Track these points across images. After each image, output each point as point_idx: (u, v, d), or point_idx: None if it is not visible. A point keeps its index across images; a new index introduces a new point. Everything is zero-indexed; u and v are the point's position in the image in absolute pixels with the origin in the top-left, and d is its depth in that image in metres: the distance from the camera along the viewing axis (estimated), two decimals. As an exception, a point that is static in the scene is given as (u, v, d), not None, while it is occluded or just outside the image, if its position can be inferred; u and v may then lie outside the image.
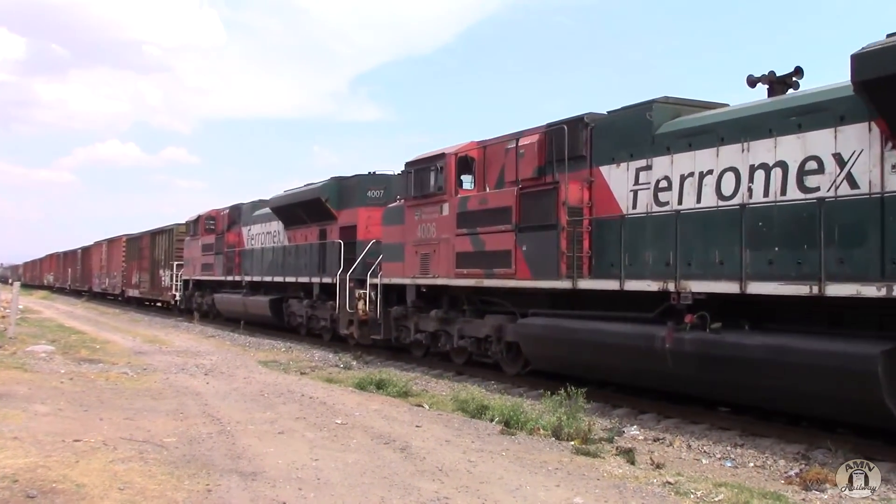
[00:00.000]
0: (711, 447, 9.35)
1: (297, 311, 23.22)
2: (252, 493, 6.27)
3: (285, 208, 23.87)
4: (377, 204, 19.53)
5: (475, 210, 14.25)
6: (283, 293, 24.32)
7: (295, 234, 23.72)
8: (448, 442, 8.61)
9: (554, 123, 13.08)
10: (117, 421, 9.12)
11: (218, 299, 29.62)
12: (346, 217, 20.62)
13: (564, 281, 12.06)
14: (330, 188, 21.25)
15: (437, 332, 16.06)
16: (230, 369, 15.31)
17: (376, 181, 20.27)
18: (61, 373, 13.29)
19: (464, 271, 14.45)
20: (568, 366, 12.53)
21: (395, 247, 16.99)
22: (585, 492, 6.69)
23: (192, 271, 32.99)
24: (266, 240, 26.09)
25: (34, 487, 6.02)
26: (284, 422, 9.51)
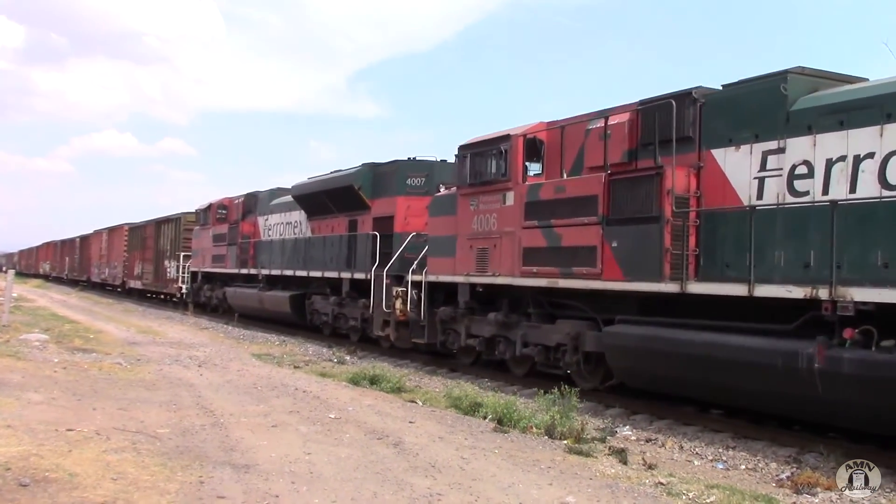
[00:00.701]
0: (703, 449, 9.38)
1: (322, 309, 21.26)
2: (245, 485, 6.27)
3: (310, 197, 21.86)
4: (418, 193, 17.79)
5: (549, 199, 12.45)
6: (304, 289, 22.36)
7: (320, 224, 21.81)
8: (441, 438, 8.62)
9: (651, 100, 11.36)
10: (110, 411, 9.12)
11: (230, 294, 27.76)
12: (382, 207, 18.69)
13: (669, 284, 10.26)
14: (363, 175, 19.28)
15: (495, 338, 14.12)
16: (224, 361, 15.30)
17: (417, 168, 18.21)
18: (55, 362, 13.26)
19: (533, 269, 12.67)
20: (672, 384, 10.82)
21: (444, 240, 15.19)
22: (578, 491, 6.70)
23: (201, 263, 31.07)
24: (286, 231, 24.21)
25: (27, 476, 6.02)
26: (278, 415, 9.51)
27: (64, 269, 66.56)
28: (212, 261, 29.75)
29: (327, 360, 17.09)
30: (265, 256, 25.22)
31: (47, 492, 5.72)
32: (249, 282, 26.41)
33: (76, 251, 60.73)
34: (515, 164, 13.35)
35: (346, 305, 19.81)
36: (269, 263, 24.60)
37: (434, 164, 18.03)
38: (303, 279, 22.09)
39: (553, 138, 13.30)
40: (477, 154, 14.24)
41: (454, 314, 15.08)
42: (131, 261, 42.72)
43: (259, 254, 25.83)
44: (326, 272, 20.37)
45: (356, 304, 19.09)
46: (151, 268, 38.26)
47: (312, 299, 21.80)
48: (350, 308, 19.58)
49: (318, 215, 21.77)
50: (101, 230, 51.44)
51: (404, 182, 18.08)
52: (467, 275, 14.41)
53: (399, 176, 18.18)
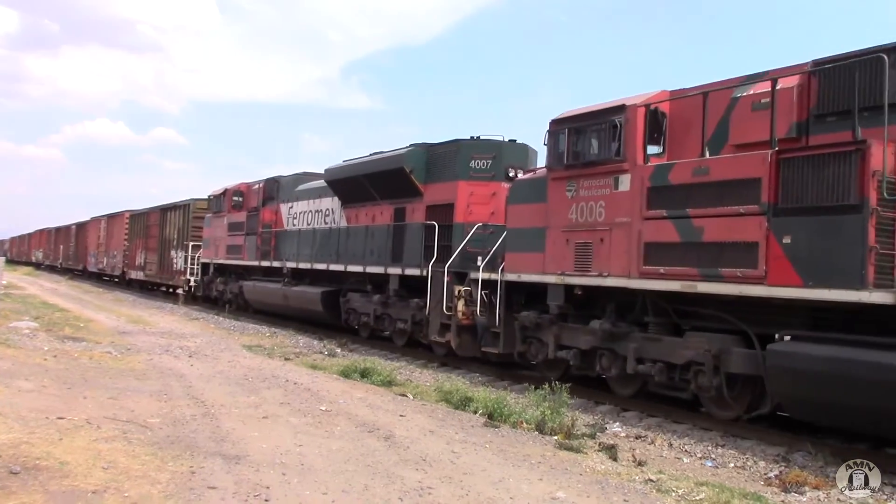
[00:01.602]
0: (693, 447, 9.41)
1: (361, 308, 18.88)
2: (236, 476, 6.27)
3: (347, 182, 19.43)
4: (483, 177, 15.60)
5: (684, 184, 10.07)
6: (337, 285, 20.12)
7: (357, 213, 19.44)
8: (432, 432, 8.64)
9: (836, 58, 9.21)
10: (101, 400, 9.11)
11: (248, 288, 25.21)
12: (437, 193, 16.38)
13: (875, 293, 8.03)
14: (416, 156, 16.90)
15: (596, 351, 11.70)
16: (214, 352, 15.28)
17: (482, 148, 15.80)
18: (45, 350, 13.24)
19: (658, 269, 10.27)
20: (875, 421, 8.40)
21: (528, 233, 12.75)
22: (568, 486, 6.73)
23: (213, 253, 28.62)
24: (314, 219, 21.70)
25: (17, 463, 6.02)
26: (269, 406, 9.51)
27: (58, 257, 64.01)
28: (226, 251, 27.42)
29: (318, 352, 17.09)
30: (289, 248, 22.76)
31: (38, 479, 5.72)
32: (269, 275, 24.12)
33: (72, 239, 58.18)
34: (633, 140, 11.01)
35: (392, 305, 17.46)
36: (296, 256, 22.04)
37: (502, 144, 15.84)
38: (335, 274, 20.02)
39: (679, 110, 11.13)
40: (579, 129, 11.88)
41: (539, 320, 12.68)
42: (133, 250, 40.55)
43: (282, 245, 23.43)
44: (369, 267, 18.11)
45: (406, 305, 16.79)
46: (155, 258, 36.01)
47: (348, 297, 19.42)
48: (397, 308, 17.25)
49: (356, 203, 19.41)
50: (99, 217, 49.03)
51: (467, 165, 15.74)
52: (561, 274, 11.97)
53: (461, 158, 15.82)
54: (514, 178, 14.82)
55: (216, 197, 28.67)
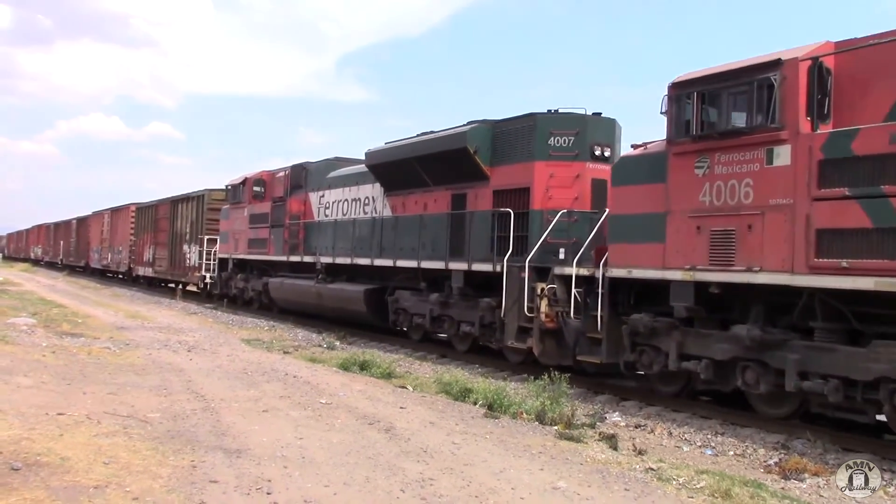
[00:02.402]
0: (692, 435, 9.44)
1: (414, 309, 16.76)
2: (237, 470, 6.28)
3: (393, 166, 17.24)
4: (565, 156, 13.48)
5: (880, 154, 8.13)
6: (381, 282, 18.15)
7: (405, 201, 17.25)
8: (432, 424, 8.65)
9: None
10: (101, 395, 9.10)
11: (274, 286, 22.93)
12: (507, 176, 14.29)
13: None
14: (480, 134, 14.73)
15: (736, 363, 9.70)
16: (213, 346, 15.27)
17: (563, 123, 13.64)
18: (43, 346, 13.22)
19: (839, 263, 8.35)
20: None
21: (640, 220, 10.83)
22: (569, 476, 6.74)
23: (232, 248, 26.29)
24: (351, 209, 19.52)
25: (19, 460, 6.01)
26: (269, 400, 9.52)
27: (58, 253, 61.49)
28: (248, 246, 25.07)
29: (317, 345, 17.09)
30: (322, 241, 20.54)
31: (39, 476, 5.72)
32: (296, 271, 22.06)
33: (72, 234, 55.87)
34: (794, 103, 9.09)
35: (453, 305, 15.33)
36: (331, 250, 19.87)
37: (586, 118, 13.68)
38: (377, 270, 17.96)
39: (848, 66, 9.22)
40: (711, 93, 10.05)
41: (656, 324, 10.64)
42: (140, 245, 38.36)
43: (312, 238, 21.21)
44: (424, 262, 15.94)
45: (472, 305, 14.65)
46: (166, 253, 33.81)
47: (397, 295, 17.34)
48: (461, 309, 15.13)
49: (404, 189, 17.24)
50: (101, 211, 46.94)
51: (545, 143, 13.59)
52: (691, 269, 9.99)
53: (538, 134, 13.67)
54: (600, 158, 13.37)
55: (234, 186, 26.29)
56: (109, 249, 44.12)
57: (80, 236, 53.48)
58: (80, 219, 54.28)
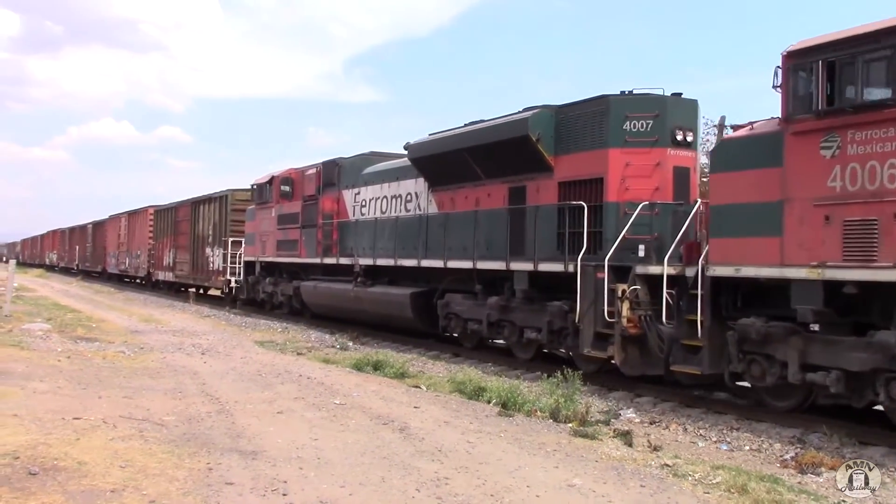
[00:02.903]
0: (707, 431, 9.42)
1: (468, 314, 15.30)
2: (253, 471, 6.30)
3: (440, 159, 15.88)
4: (643, 142, 12.08)
5: None
6: (427, 284, 16.87)
7: (454, 196, 15.87)
8: (446, 423, 8.66)
9: None
10: (116, 399, 9.15)
11: (307, 290, 21.68)
12: (575, 166, 12.83)
13: None
14: (543, 120, 13.20)
15: (875, 375, 8.43)
16: (227, 349, 15.33)
17: (639, 105, 12.23)
18: (58, 351, 13.29)
19: None
20: None
21: (748, 210, 9.59)
22: (584, 473, 6.74)
23: (259, 250, 25.01)
24: (391, 207, 18.18)
25: (36, 464, 6.05)
26: (283, 402, 9.54)
27: (73, 259, 60.00)
28: (276, 248, 23.78)
29: (330, 346, 17.10)
30: (359, 242, 19.16)
31: (57, 480, 5.75)
32: (329, 274, 20.76)
33: (88, 239, 54.55)
34: None
35: (516, 309, 13.89)
36: (371, 250, 18.46)
37: (666, 99, 12.31)
38: (422, 272, 16.77)
39: None
40: (840, 61, 8.77)
41: (769, 330, 9.32)
42: (159, 249, 37.00)
43: (347, 238, 19.87)
44: (481, 262, 14.51)
45: (539, 309, 13.23)
46: (187, 257, 32.49)
47: (447, 299, 15.95)
48: (524, 313, 13.70)
49: (452, 184, 15.87)
50: (118, 214, 45.61)
51: (619, 128, 12.21)
52: (819, 265, 8.67)
53: (611, 119, 12.23)
54: (682, 143, 12.13)
55: (260, 186, 25.01)
56: (127, 254, 43.01)
57: (96, 241, 52.28)
58: (96, 223, 53.16)
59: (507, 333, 14.30)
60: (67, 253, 63.45)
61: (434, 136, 16.26)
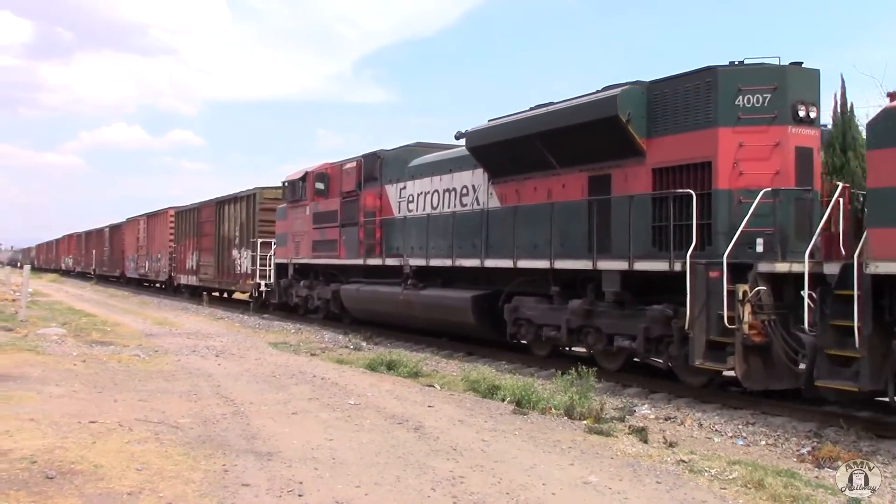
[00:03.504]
0: (723, 426, 9.38)
1: (542, 319, 13.56)
2: (269, 472, 6.31)
3: (504, 146, 14.25)
4: (759, 119, 10.51)
5: None
6: (490, 286, 15.17)
7: (519, 188, 14.28)
8: (461, 422, 8.65)
9: None
10: (131, 402, 9.19)
11: (348, 294, 19.99)
12: (673, 149, 11.26)
13: None
14: (633, 98, 11.64)
15: None
16: (241, 351, 15.37)
17: (754, 77, 10.66)
18: (73, 355, 13.36)
19: None
20: None
21: None
22: (600, 470, 6.72)
23: (292, 252, 23.38)
24: (443, 201, 16.57)
25: (53, 468, 6.08)
26: (297, 402, 9.56)
27: (90, 263, 58.54)
28: (312, 248, 22.04)
29: (344, 346, 17.12)
30: (407, 241, 17.55)
31: (74, 483, 5.78)
32: (371, 276, 19.21)
33: (105, 243, 53.27)
34: None
35: (602, 314, 12.27)
36: (422, 250, 16.86)
37: (785, 70, 10.73)
38: (483, 273, 15.18)
39: None
40: None
41: None
42: (181, 252, 35.56)
43: (393, 237, 18.31)
44: (561, 261, 12.79)
45: (634, 314, 11.68)
46: (212, 259, 31.07)
47: (516, 303, 14.19)
48: (613, 318, 12.07)
49: (518, 174, 14.28)
50: (136, 217, 44.47)
51: (730, 103, 10.65)
52: None
53: (721, 93, 10.69)
54: (805, 120, 10.59)
55: (292, 183, 23.29)
56: (147, 257, 41.66)
57: (113, 244, 51.08)
58: (113, 226, 51.87)
59: (591, 341, 12.59)
60: (84, 257, 62.53)
61: (496, 122, 14.65)
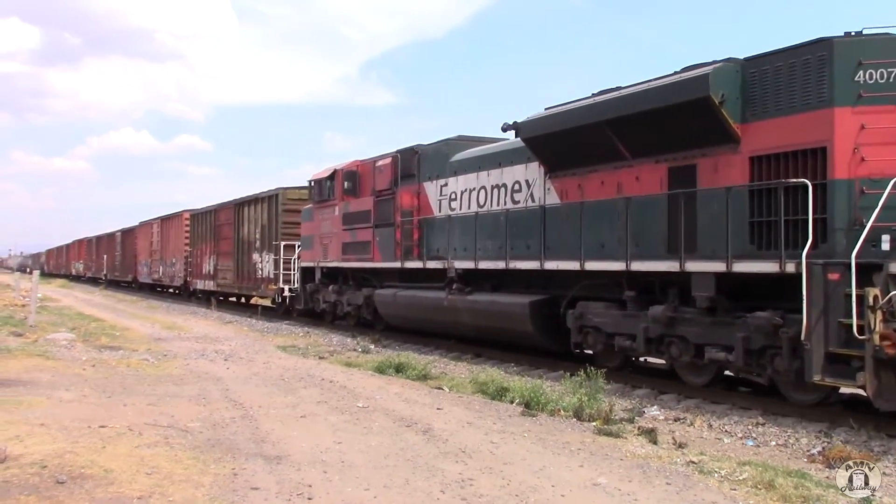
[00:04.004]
0: (733, 426, 9.34)
1: (614, 327, 12.09)
2: (278, 476, 6.32)
3: (566, 136, 12.72)
4: (885, 98, 9.11)
5: None
6: (547, 290, 13.76)
7: (583, 182, 12.83)
8: (469, 424, 8.65)
9: None
10: (141, 406, 9.21)
11: (384, 300, 18.62)
12: (775, 134, 9.90)
13: None
14: (726, 77, 10.33)
15: None
16: (249, 354, 15.40)
17: (879, 49, 9.24)
18: (83, 360, 13.40)
19: None
20: None
21: None
22: (609, 472, 6.71)
23: (319, 255, 22.07)
24: (491, 199, 15.20)
25: (63, 473, 6.09)
26: (306, 406, 9.57)
27: (101, 268, 57.70)
28: (342, 251, 20.66)
29: (352, 349, 17.13)
30: (450, 241, 16.07)
31: (84, 488, 5.79)
32: (407, 280, 18.02)
33: (117, 247, 52.48)
34: None
35: (689, 322, 10.87)
36: (468, 251, 15.47)
37: None
38: (540, 276, 13.81)
39: None
40: None
41: None
42: (197, 256, 34.71)
43: (434, 238, 16.91)
44: (640, 263, 11.36)
45: (729, 322, 10.28)
46: (231, 264, 30.13)
47: (581, 309, 12.68)
48: (703, 327, 10.66)
49: (581, 167, 12.88)
50: (149, 221, 43.65)
51: (849, 79, 9.19)
52: None
53: (838, 68, 9.27)
54: None
55: (319, 182, 22.06)
56: (161, 262, 40.66)
57: (125, 249, 50.18)
58: (125, 230, 50.98)
59: (674, 352, 11.19)
60: (95, 262, 61.56)
61: (555, 110, 13.21)
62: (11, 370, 11.64)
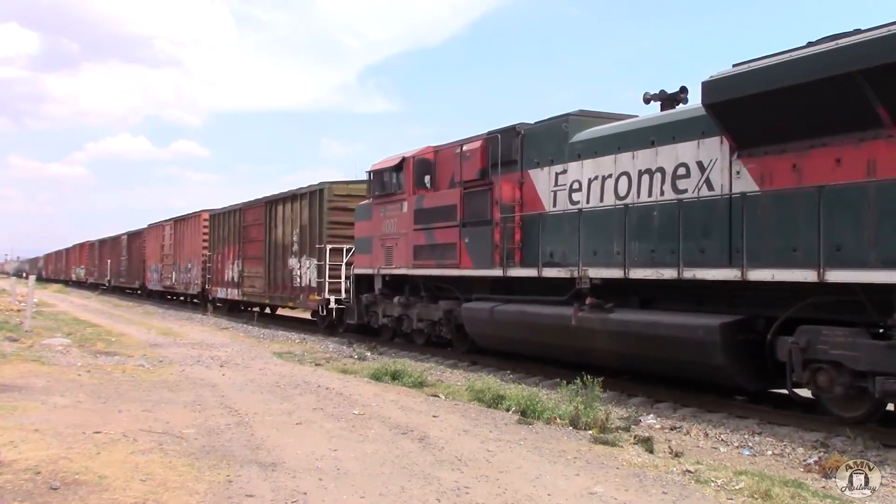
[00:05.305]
0: (729, 436, 9.34)
1: (870, 364, 8.41)
2: (273, 483, 6.29)
3: (788, 95, 9.27)
4: None
5: None
6: (733, 308, 10.37)
7: (799, 161, 9.47)
8: (466, 432, 8.62)
9: None
10: (136, 412, 9.17)
11: (475, 315, 15.08)
12: None
13: None
14: None
15: None
16: (245, 361, 15.36)
17: None
18: (78, 365, 13.36)
19: None
20: None
21: None
22: (605, 480, 6.69)
23: (380, 260, 18.53)
24: (636, 188, 11.90)
25: (57, 479, 6.06)
26: (302, 413, 9.54)
27: (104, 273, 54.30)
28: (413, 255, 17.10)
29: (348, 356, 17.10)
30: (580, 243, 12.35)
31: (77, 494, 5.76)
32: (501, 292, 14.69)
33: (122, 251, 49.08)
34: None
35: None
36: (606, 256, 12.25)
37: None
38: (711, 290, 10.65)
39: None
40: None
41: None
42: (217, 261, 31.30)
43: (551, 239, 13.44)
44: None
45: None
46: (260, 269, 26.70)
47: (807, 335, 9.14)
48: None
49: (801, 139, 9.44)
50: (160, 223, 40.60)
51: None
52: None
53: None
54: None
55: (381, 173, 18.59)
56: (174, 267, 36.99)
57: (132, 253, 46.42)
58: (131, 233, 47.38)
59: None
60: (98, 267, 57.94)
61: (759, 64, 9.72)
62: (6, 375, 11.59)
